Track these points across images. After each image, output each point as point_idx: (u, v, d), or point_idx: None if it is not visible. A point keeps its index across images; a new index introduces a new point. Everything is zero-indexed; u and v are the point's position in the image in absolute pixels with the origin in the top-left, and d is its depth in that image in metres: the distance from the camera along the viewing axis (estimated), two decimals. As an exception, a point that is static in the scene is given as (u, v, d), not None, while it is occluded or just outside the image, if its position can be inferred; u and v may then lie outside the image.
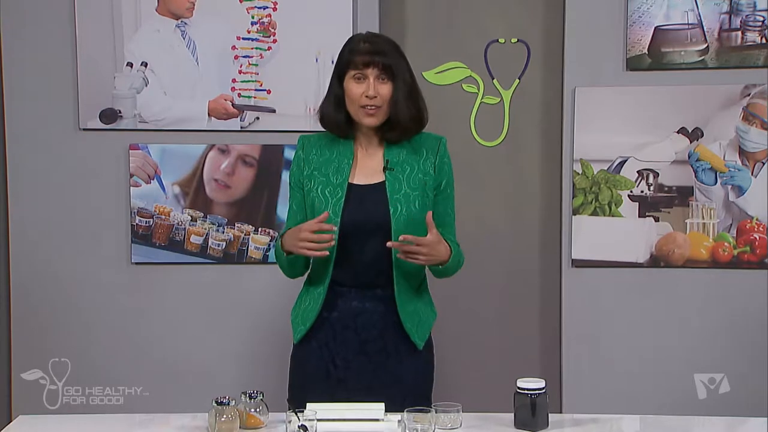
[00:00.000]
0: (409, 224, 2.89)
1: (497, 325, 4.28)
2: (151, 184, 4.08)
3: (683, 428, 2.91)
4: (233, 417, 2.64)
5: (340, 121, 2.98)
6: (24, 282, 4.10)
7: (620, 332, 4.10)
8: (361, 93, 2.91)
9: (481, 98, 4.22)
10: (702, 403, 4.04)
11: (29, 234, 4.09)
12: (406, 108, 2.93)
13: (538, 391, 2.67)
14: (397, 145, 2.99)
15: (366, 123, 2.95)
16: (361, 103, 2.91)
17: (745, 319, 4.04)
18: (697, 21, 3.98)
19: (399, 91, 2.92)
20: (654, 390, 4.07)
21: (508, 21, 4.21)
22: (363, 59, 2.91)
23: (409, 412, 2.62)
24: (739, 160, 4.01)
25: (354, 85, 2.92)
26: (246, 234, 4.10)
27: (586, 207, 4.06)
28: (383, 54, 2.91)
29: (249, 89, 4.07)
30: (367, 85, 2.90)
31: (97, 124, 4.04)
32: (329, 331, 2.98)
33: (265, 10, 4.05)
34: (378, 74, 2.91)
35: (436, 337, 3.13)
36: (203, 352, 4.13)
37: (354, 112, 2.95)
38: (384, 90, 2.91)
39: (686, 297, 4.07)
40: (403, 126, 2.95)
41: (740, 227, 4.03)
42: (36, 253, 4.09)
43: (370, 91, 2.90)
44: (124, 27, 4.03)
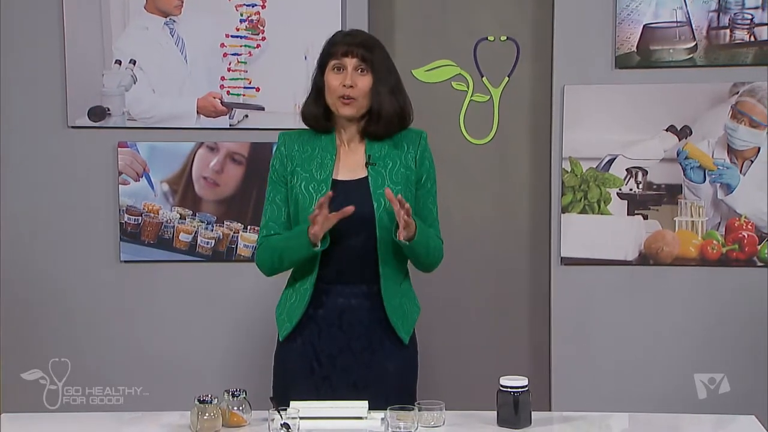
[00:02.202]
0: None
1: (486, 323, 4.28)
2: (139, 181, 4.08)
3: (671, 426, 2.91)
4: (215, 415, 2.64)
5: (318, 114, 2.98)
6: (13, 279, 4.10)
7: (609, 330, 4.10)
8: (339, 83, 2.91)
9: (471, 96, 4.22)
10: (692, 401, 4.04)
11: (18, 231, 4.10)
12: (388, 103, 2.93)
13: (521, 389, 2.66)
14: (378, 141, 2.99)
15: (342, 113, 2.94)
16: (339, 92, 2.91)
17: (734, 318, 4.04)
18: (686, 19, 3.98)
19: (380, 83, 2.92)
20: (643, 388, 4.07)
21: (497, 19, 4.21)
22: (342, 49, 2.92)
23: (392, 409, 2.62)
24: (727, 158, 4.01)
25: (333, 76, 2.93)
26: (235, 232, 4.10)
27: (575, 205, 4.06)
28: (363, 46, 2.92)
29: (238, 87, 4.06)
30: (345, 75, 2.91)
31: (85, 121, 4.04)
32: (314, 329, 2.97)
33: (253, 7, 4.04)
34: (357, 65, 2.91)
35: (425, 334, 3.13)
36: (192, 350, 4.14)
37: (332, 103, 2.95)
38: (362, 81, 2.91)
39: (675, 295, 4.07)
40: (385, 119, 2.94)
41: (729, 225, 4.03)
42: (25, 250, 4.10)
43: (348, 80, 2.90)
44: (113, 24, 4.03)
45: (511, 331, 4.28)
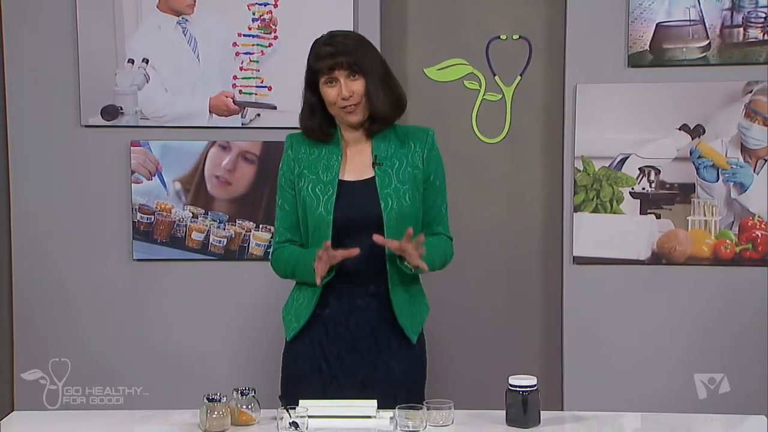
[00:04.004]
0: (401, 218, 2.90)
1: (498, 323, 4.27)
2: (152, 180, 4.09)
3: (683, 426, 2.90)
4: (224, 414, 2.65)
5: (315, 127, 3.00)
6: (26, 279, 4.12)
7: (621, 330, 4.08)
8: (336, 95, 2.92)
9: (483, 95, 4.22)
10: (702, 402, 4.02)
11: (31, 230, 4.11)
12: (383, 98, 2.94)
13: (530, 388, 2.66)
14: (385, 140, 3.00)
15: (349, 121, 2.96)
16: (339, 104, 2.93)
17: (747, 317, 4.02)
18: (699, 17, 3.96)
19: (371, 83, 2.92)
20: (655, 388, 4.05)
21: (509, 17, 4.20)
22: (328, 63, 2.91)
23: (400, 408, 2.63)
24: (741, 157, 3.99)
25: (328, 90, 2.93)
26: (247, 231, 4.11)
27: (587, 204, 4.05)
28: (346, 53, 2.91)
29: (250, 86, 4.07)
30: (339, 87, 2.91)
31: (98, 120, 4.06)
32: (321, 329, 2.98)
33: (266, 6, 4.05)
34: (347, 73, 2.91)
35: (437, 333, 3.13)
36: (204, 349, 4.14)
37: (336, 113, 2.96)
38: (356, 86, 2.92)
39: (688, 294, 4.05)
40: (383, 116, 2.96)
41: (742, 224, 4.01)
42: (37, 249, 4.11)
43: (344, 92, 2.91)
44: (126, 24, 4.04)
45: (523, 331, 4.27)
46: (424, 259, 2.86)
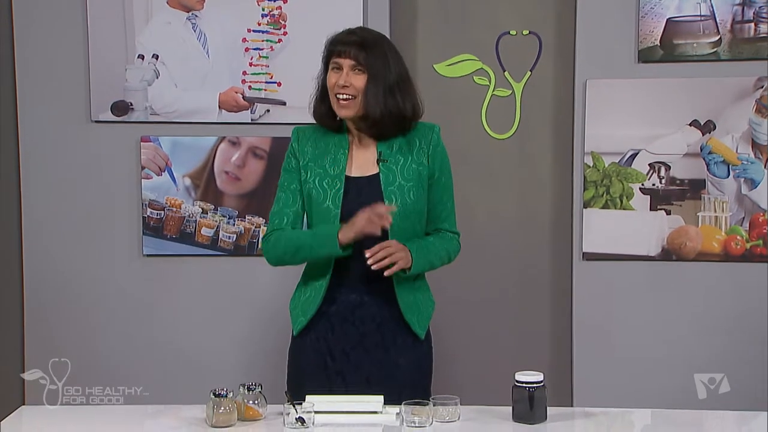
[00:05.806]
0: (405, 216, 2.89)
1: (508, 318, 4.27)
2: (162, 176, 4.09)
3: (694, 422, 2.90)
4: (231, 409, 2.65)
5: (323, 112, 3.00)
6: (36, 275, 4.13)
7: (631, 326, 4.08)
8: (335, 81, 2.92)
9: (493, 91, 4.21)
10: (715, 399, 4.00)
11: (41, 226, 4.12)
12: (381, 103, 2.91)
13: (536, 384, 2.66)
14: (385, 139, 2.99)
15: (339, 114, 2.95)
16: (335, 92, 2.92)
17: (758, 313, 4.00)
18: (710, 12, 3.94)
19: (373, 85, 2.90)
20: (666, 384, 4.03)
21: (519, 13, 4.19)
22: (339, 47, 2.92)
23: (407, 404, 2.63)
24: (752, 153, 3.97)
25: (331, 74, 2.94)
26: (256, 226, 4.11)
27: (597, 200, 4.04)
28: (360, 46, 2.90)
29: (259, 81, 4.07)
30: (341, 75, 2.91)
31: (108, 116, 4.07)
32: (327, 324, 2.98)
33: (275, 2, 4.05)
34: (353, 65, 2.91)
35: (446, 329, 3.13)
36: (212, 344, 4.15)
37: (332, 101, 2.95)
38: (357, 81, 2.91)
39: (698, 290, 4.04)
40: (375, 120, 2.93)
41: (753, 220, 3.99)
42: (47, 245, 4.12)
43: (342, 79, 2.90)
44: (136, 19, 4.05)
45: (533, 326, 4.26)
46: (417, 262, 2.88)
